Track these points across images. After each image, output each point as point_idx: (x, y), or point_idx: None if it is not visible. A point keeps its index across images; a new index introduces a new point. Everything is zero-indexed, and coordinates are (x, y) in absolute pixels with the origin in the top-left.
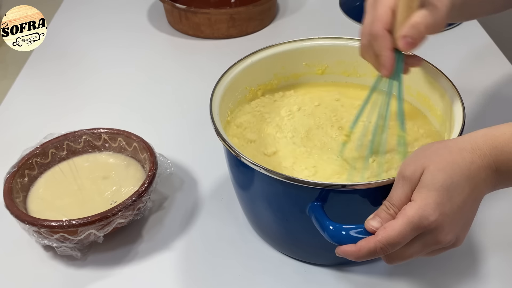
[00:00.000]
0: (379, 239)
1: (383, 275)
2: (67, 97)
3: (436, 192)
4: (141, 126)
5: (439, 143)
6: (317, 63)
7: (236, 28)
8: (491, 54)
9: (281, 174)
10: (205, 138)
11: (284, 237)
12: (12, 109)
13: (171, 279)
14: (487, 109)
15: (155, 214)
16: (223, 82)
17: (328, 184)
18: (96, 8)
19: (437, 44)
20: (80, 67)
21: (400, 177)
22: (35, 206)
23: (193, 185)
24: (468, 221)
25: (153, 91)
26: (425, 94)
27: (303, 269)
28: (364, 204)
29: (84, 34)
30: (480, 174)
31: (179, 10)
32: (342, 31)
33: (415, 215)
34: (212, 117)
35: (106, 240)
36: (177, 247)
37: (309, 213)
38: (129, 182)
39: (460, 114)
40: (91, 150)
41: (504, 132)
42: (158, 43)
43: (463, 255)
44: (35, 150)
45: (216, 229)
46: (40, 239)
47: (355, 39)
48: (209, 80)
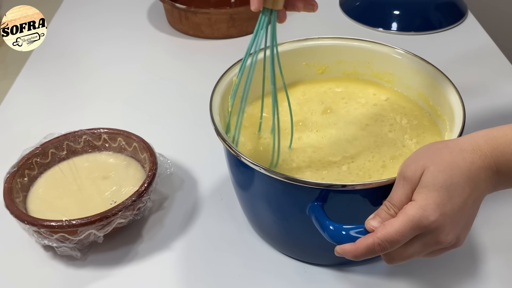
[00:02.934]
0: (377, 236)
1: (383, 275)
2: (67, 97)
3: (437, 193)
4: (141, 126)
5: (439, 143)
6: (317, 63)
7: (236, 28)
8: (491, 54)
9: (281, 174)
10: (205, 138)
11: (284, 237)
12: (12, 109)
13: (171, 279)
14: (487, 109)
15: (155, 214)
16: (223, 82)
17: (328, 184)
18: (96, 8)
19: (437, 44)
20: (80, 67)
21: (401, 177)
22: (35, 206)
23: (193, 185)
24: (468, 221)
25: (153, 91)
26: (425, 94)
27: (303, 269)
28: (364, 204)
29: (84, 34)
30: (481, 175)
31: (179, 10)
32: (342, 31)
33: (415, 214)
34: (212, 117)
35: (106, 240)
36: (177, 247)
37: (309, 213)
38: (129, 182)
39: (460, 114)
40: (91, 150)
41: (506, 133)
42: (158, 43)
43: (463, 256)
44: (35, 150)
45: (216, 229)
46: (40, 239)
47: (355, 39)
48: (209, 80)
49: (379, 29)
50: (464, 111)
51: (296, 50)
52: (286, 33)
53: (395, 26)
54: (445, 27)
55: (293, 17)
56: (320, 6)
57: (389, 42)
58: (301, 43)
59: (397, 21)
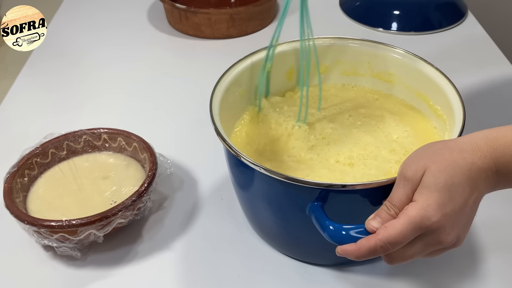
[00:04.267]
0: (379, 237)
1: (383, 275)
2: (67, 97)
3: (438, 193)
4: (141, 126)
5: (439, 143)
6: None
7: (236, 28)
8: (491, 54)
9: (281, 174)
10: (205, 138)
11: (284, 237)
12: (12, 109)
13: (171, 279)
14: (487, 109)
15: (155, 214)
16: (223, 82)
17: (328, 184)
18: (96, 8)
19: (437, 44)
20: (80, 67)
21: (401, 177)
22: (35, 206)
23: (193, 185)
24: (468, 221)
25: (153, 91)
26: (425, 94)
27: (303, 269)
28: (364, 204)
29: (84, 34)
30: (481, 175)
31: (179, 10)
32: (342, 31)
33: (417, 215)
34: (212, 117)
35: (106, 240)
36: (177, 247)
37: (309, 213)
38: (129, 182)
39: (460, 114)
40: (91, 150)
41: (505, 134)
42: (158, 43)
43: (463, 255)
44: (35, 150)
45: (216, 229)
46: (40, 239)
47: (355, 39)
48: (209, 80)
49: (379, 29)
50: (464, 111)
51: (296, 50)
52: (286, 33)
53: (395, 26)
54: (445, 27)
55: (293, 17)
56: (320, 6)
57: (389, 42)
58: (301, 43)
59: (397, 21)
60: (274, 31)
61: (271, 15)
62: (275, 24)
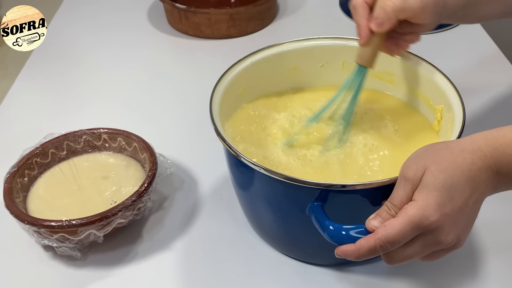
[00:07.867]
0: (378, 236)
1: (383, 275)
2: (67, 97)
3: (437, 193)
4: (141, 126)
5: (440, 144)
6: (317, 63)
7: (236, 28)
8: (491, 54)
9: (281, 174)
10: (205, 138)
11: (284, 237)
12: (12, 109)
13: (171, 279)
14: (487, 110)
15: (155, 214)
16: (223, 82)
17: (328, 184)
18: (96, 8)
19: (438, 44)
20: (80, 67)
21: (402, 178)
22: (35, 206)
23: (193, 185)
24: (469, 222)
25: (153, 91)
26: (425, 94)
27: (303, 269)
28: (364, 204)
29: (84, 34)
30: (481, 175)
31: (179, 10)
32: (342, 31)
33: (416, 214)
34: (212, 117)
35: (106, 240)
36: (177, 247)
37: (309, 213)
38: (129, 182)
39: (460, 114)
40: (91, 150)
41: (506, 134)
42: (158, 43)
43: (464, 256)
44: (35, 150)
45: (216, 229)
46: (40, 239)
47: (355, 39)
48: (209, 80)
49: None
50: (464, 111)
51: (296, 50)
52: (286, 33)
53: None
54: (445, 27)
55: (293, 17)
56: (320, 6)
57: None
58: (301, 43)
59: None
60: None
61: (271, 15)
62: (275, 24)
